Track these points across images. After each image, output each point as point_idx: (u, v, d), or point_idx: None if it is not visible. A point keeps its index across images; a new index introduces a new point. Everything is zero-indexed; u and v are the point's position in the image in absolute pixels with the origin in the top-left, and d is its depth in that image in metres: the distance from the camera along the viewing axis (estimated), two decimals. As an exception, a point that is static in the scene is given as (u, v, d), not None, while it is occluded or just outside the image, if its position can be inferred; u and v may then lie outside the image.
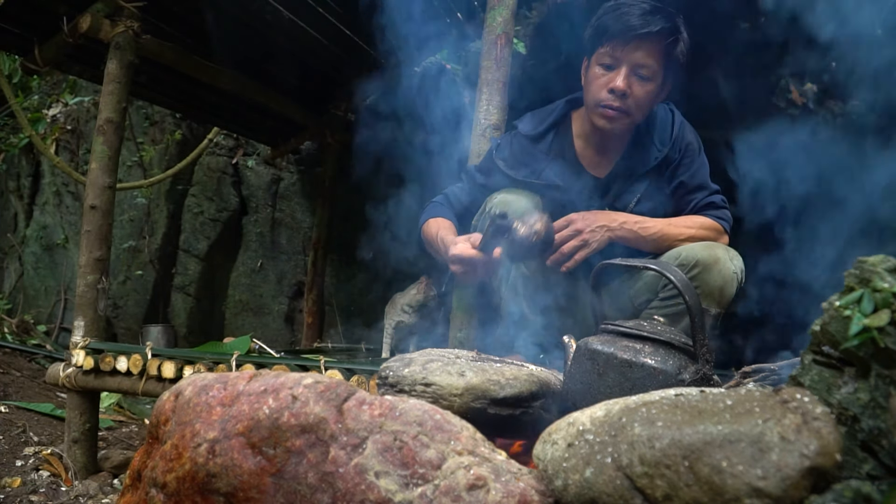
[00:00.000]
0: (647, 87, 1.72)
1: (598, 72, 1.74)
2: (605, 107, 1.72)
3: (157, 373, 2.07)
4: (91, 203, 2.42)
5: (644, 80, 1.70)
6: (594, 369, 1.13)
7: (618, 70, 1.70)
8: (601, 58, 1.73)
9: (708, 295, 1.66)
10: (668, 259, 1.72)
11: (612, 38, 1.68)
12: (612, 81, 1.70)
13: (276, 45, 3.16)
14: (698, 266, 1.66)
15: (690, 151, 1.87)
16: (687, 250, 1.70)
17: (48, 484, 2.13)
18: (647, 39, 1.66)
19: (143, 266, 4.68)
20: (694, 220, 1.83)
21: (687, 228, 1.79)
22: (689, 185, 1.86)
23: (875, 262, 0.71)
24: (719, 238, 1.83)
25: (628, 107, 1.72)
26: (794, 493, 0.63)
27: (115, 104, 2.47)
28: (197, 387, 0.96)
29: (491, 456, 0.84)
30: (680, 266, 1.67)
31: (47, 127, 4.93)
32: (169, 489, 0.89)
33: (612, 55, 1.70)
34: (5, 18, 2.64)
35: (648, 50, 1.68)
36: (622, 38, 1.67)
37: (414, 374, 1.11)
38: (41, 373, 3.74)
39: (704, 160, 1.90)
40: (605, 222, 1.74)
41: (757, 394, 0.76)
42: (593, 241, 1.72)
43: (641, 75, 1.70)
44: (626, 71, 1.69)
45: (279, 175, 4.53)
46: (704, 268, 1.66)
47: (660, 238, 1.76)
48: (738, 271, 1.68)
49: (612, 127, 1.76)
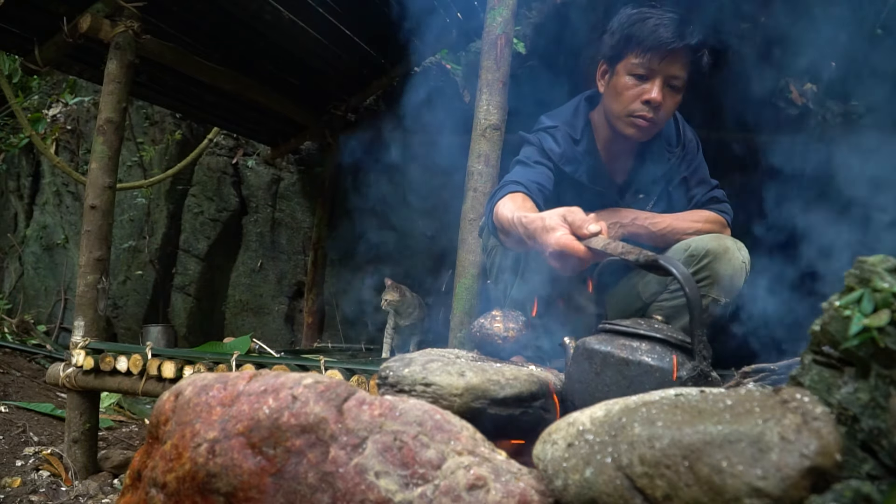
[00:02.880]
0: (677, 97, 1.74)
1: (629, 81, 1.72)
2: (637, 117, 1.73)
3: (157, 373, 2.07)
4: (91, 203, 2.42)
5: (675, 90, 1.72)
6: (592, 368, 1.14)
7: (652, 81, 1.69)
8: (633, 68, 1.71)
9: (718, 285, 1.69)
10: (678, 250, 1.75)
11: (648, 49, 1.67)
12: (647, 93, 1.70)
13: (276, 45, 3.16)
14: (709, 256, 1.69)
15: (692, 148, 1.91)
16: (696, 241, 1.73)
17: (48, 484, 2.13)
18: (682, 52, 1.67)
19: (143, 266, 4.68)
20: (699, 214, 1.87)
21: (694, 223, 1.83)
22: (692, 181, 1.90)
23: (875, 262, 0.71)
24: (723, 230, 1.87)
25: (660, 118, 1.74)
26: (794, 493, 0.63)
27: (115, 104, 2.47)
28: (197, 387, 0.97)
29: (491, 456, 0.84)
30: (690, 257, 1.70)
31: (47, 127, 4.93)
32: (169, 489, 0.89)
33: (647, 66, 1.69)
34: (5, 18, 2.64)
35: (682, 62, 1.69)
36: (659, 50, 1.66)
37: (414, 374, 1.11)
38: (41, 373, 3.75)
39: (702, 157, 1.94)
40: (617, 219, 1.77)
41: (757, 394, 0.76)
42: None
43: (673, 86, 1.71)
44: (661, 83, 1.69)
45: (279, 175, 4.53)
46: (715, 257, 1.69)
47: (669, 232, 1.80)
48: (745, 261, 1.72)
49: (641, 136, 1.78)
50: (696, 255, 1.70)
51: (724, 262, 1.68)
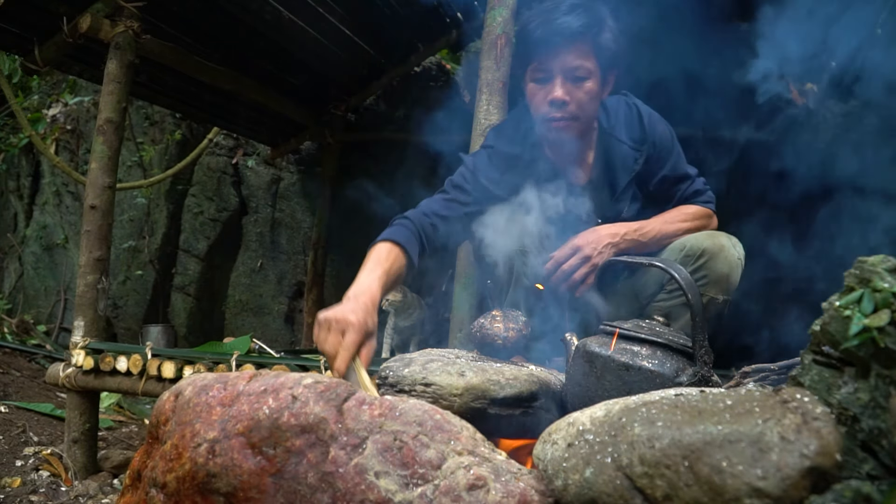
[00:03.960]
0: (586, 86, 1.69)
1: (534, 87, 1.71)
2: (549, 119, 1.71)
3: (157, 373, 2.07)
4: (91, 203, 2.42)
5: (581, 80, 1.67)
6: (592, 372, 1.13)
7: (553, 80, 1.67)
8: (533, 73, 1.70)
9: (715, 283, 1.68)
10: (673, 250, 1.74)
11: (538, 51, 1.65)
12: (550, 93, 1.67)
13: (277, 45, 3.16)
14: (705, 255, 1.68)
15: (665, 143, 1.85)
16: (691, 241, 1.72)
17: (48, 484, 2.13)
18: (570, 41, 1.63)
19: (143, 266, 4.68)
20: (685, 211, 1.84)
21: (682, 222, 1.81)
22: (672, 178, 1.86)
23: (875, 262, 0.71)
24: (711, 221, 1.86)
25: (572, 112, 1.70)
26: (794, 493, 0.63)
27: (115, 104, 2.47)
28: (197, 387, 0.96)
29: (491, 456, 0.84)
30: (686, 257, 1.69)
31: (47, 127, 4.93)
32: (169, 489, 0.89)
33: (542, 68, 1.67)
34: (5, 18, 2.64)
35: (576, 50, 1.64)
36: (546, 48, 1.63)
37: (414, 374, 1.11)
38: (41, 373, 3.74)
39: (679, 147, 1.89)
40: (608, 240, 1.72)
41: (757, 394, 0.76)
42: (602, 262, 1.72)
43: (577, 76, 1.67)
44: (560, 79, 1.66)
45: (279, 175, 4.53)
46: (711, 256, 1.68)
47: (660, 238, 1.78)
48: (741, 258, 1.71)
49: (564, 136, 1.75)
50: (691, 254, 1.69)
51: (721, 259, 1.68)
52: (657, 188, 1.86)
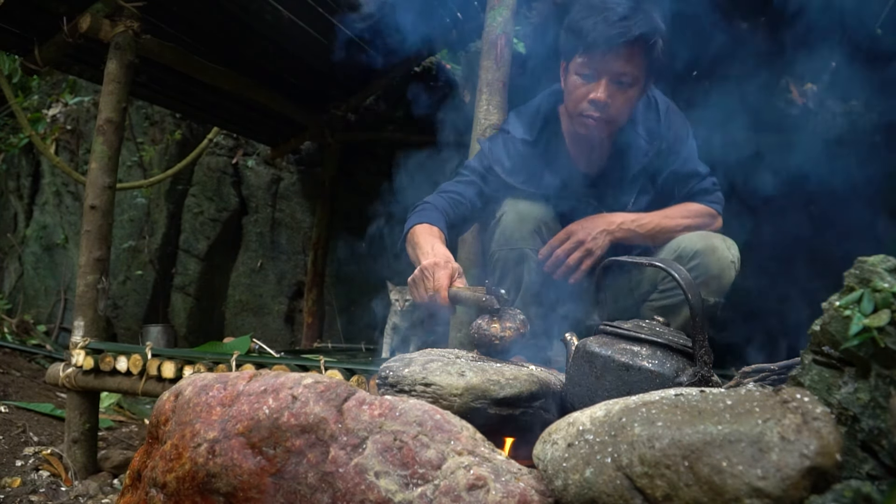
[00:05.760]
0: (629, 93, 1.69)
1: (577, 81, 1.69)
2: (586, 116, 1.70)
3: (157, 373, 2.07)
4: (91, 203, 2.42)
5: (625, 86, 1.67)
6: (592, 371, 1.13)
7: (598, 80, 1.65)
8: (580, 68, 1.67)
9: (706, 284, 1.68)
10: (667, 251, 1.74)
11: (589, 49, 1.62)
12: (593, 92, 1.66)
13: (277, 45, 3.16)
14: (697, 256, 1.68)
15: (680, 138, 1.84)
16: (685, 242, 1.72)
17: (48, 484, 2.13)
18: (624, 48, 1.61)
19: (143, 266, 4.68)
20: (688, 208, 1.84)
21: (683, 219, 1.80)
22: (681, 173, 1.85)
23: (875, 262, 0.71)
24: (714, 222, 1.85)
25: (610, 115, 1.69)
26: (794, 493, 0.63)
27: (115, 104, 2.47)
28: (197, 387, 0.97)
29: (491, 456, 0.84)
30: (679, 258, 1.69)
31: (47, 127, 4.93)
32: (169, 489, 0.89)
33: (591, 66, 1.65)
34: (5, 18, 2.64)
35: (628, 57, 1.63)
36: (599, 49, 1.61)
37: (414, 374, 1.11)
38: (41, 373, 3.74)
39: (693, 143, 1.87)
40: (604, 227, 1.74)
41: (757, 394, 0.76)
42: (596, 249, 1.72)
43: (622, 82, 1.66)
44: (607, 81, 1.65)
45: (279, 175, 4.53)
46: (703, 257, 1.68)
47: (658, 232, 1.78)
48: (734, 259, 1.70)
49: (594, 135, 1.75)
50: (684, 255, 1.69)
51: (713, 261, 1.67)
52: (665, 182, 1.85)
